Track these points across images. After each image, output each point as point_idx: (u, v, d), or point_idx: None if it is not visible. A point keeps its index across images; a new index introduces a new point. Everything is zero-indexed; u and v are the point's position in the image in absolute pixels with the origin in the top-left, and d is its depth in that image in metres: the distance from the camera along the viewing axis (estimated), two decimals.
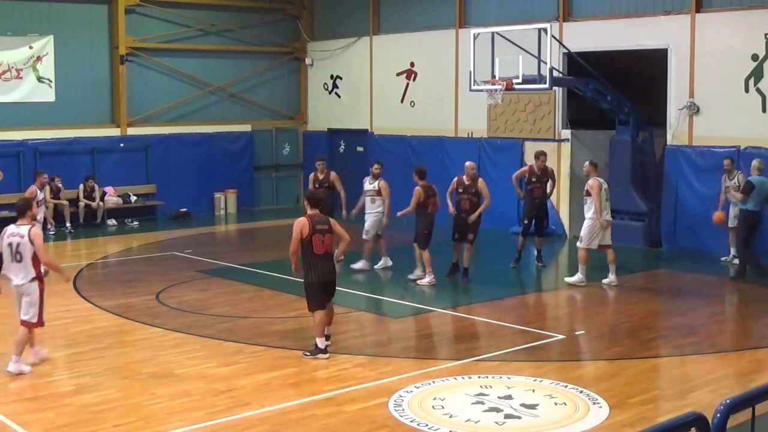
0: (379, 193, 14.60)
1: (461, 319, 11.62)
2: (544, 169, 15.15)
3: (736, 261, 14.51)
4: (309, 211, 9.66)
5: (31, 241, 8.95)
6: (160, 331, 10.86)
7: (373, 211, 14.65)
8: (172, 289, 13.35)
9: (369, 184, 14.85)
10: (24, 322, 9.09)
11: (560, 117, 18.17)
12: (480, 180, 14.00)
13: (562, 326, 11.36)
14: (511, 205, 18.58)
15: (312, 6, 23.67)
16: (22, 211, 9.09)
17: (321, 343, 9.63)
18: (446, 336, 11.06)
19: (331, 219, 9.73)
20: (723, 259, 15.12)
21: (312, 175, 15.57)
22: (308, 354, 9.64)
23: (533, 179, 15.09)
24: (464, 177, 13.85)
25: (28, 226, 9.07)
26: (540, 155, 15.22)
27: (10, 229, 9.01)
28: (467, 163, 14.07)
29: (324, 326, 9.65)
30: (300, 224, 9.50)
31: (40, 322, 9.23)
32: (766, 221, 14.98)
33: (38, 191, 15.23)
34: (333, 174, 15.55)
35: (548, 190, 15.26)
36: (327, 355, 9.59)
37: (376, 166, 15.10)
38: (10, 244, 8.87)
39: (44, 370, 9.41)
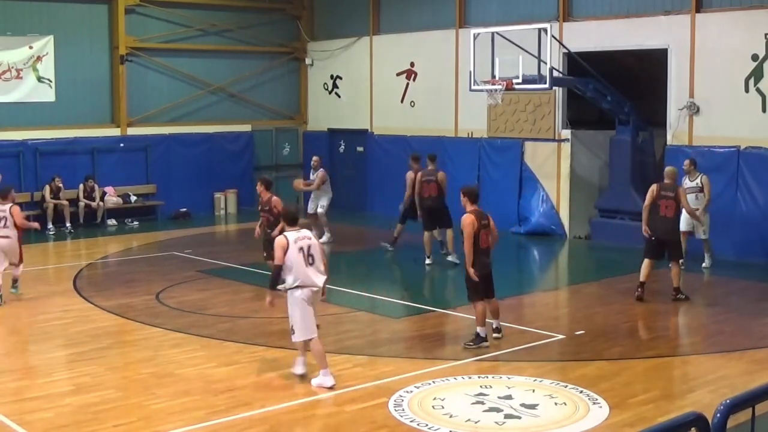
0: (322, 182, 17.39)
1: (461, 319, 11.61)
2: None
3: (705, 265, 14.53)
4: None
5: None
6: (160, 331, 10.86)
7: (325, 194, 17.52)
8: (172, 289, 13.35)
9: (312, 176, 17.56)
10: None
11: (560, 117, 18.17)
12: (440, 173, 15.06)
13: (562, 326, 11.36)
14: (511, 205, 18.61)
15: (312, 6, 23.67)
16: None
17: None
18: (446, 336, 11.06)
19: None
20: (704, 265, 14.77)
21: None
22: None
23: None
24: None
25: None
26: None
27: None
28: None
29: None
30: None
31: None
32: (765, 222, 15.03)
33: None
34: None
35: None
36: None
37: (315, 158, 17.84)
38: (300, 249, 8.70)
39: (44, 370, 9.41)
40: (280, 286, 8.89)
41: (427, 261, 14.99)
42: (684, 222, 13.64)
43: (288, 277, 8.61)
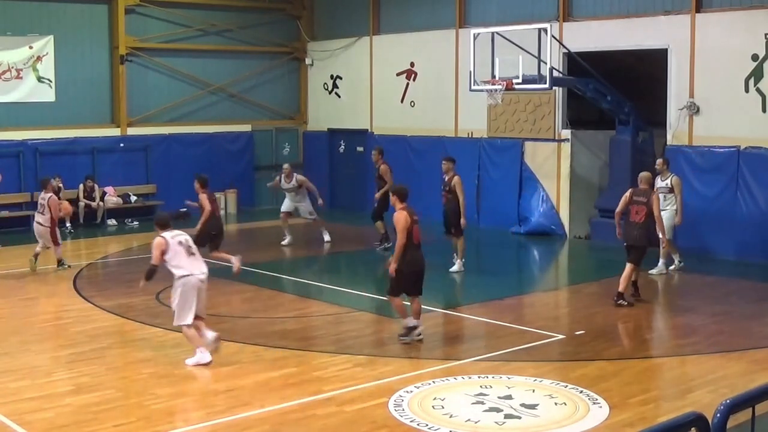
0: (300, 186, 17.23)
1: (461, 319, 11.62)
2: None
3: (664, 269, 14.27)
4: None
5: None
6: (160, 331, 10.85)
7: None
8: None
9: (286, 184, 17.29)
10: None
11: (560, 117, 18.17)
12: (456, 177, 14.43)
13: (562, 326, 11.35)
14: (511, 205, 18.61)
15: (312, 6, 23.67)
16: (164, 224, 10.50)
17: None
18: (446, 336, 11.05)
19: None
20: (666, 268, 14.41)
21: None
22: None
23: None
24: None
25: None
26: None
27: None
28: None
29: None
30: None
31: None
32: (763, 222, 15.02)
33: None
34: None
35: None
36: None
37: (285, 167, 17.57)
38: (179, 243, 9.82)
39: (44, 370, 9.41)
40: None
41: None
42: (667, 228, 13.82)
43: (176, 270, 9.48)
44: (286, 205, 17.53)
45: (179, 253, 9.52)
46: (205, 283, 9.55)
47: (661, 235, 12.63)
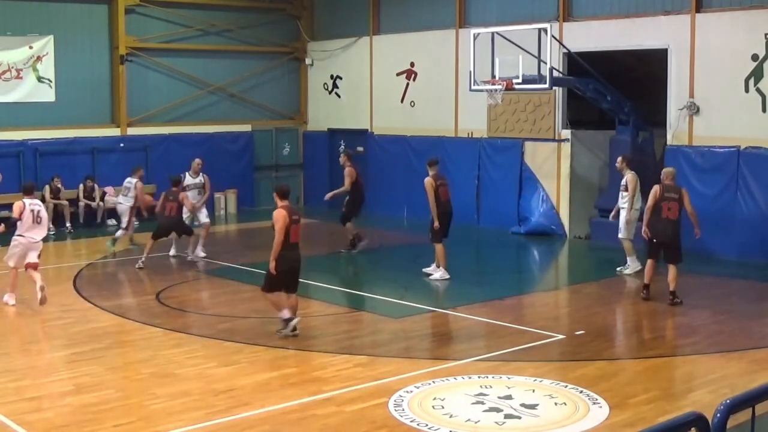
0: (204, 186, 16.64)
1: (461, 319, 11.62)
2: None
3: (628, 271, 14.15)
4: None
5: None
6: (160, 331, 10.85)
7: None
8: (172, 289, 13.35)
9: (192, 179, 16.50)
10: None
11: (560, 117, 18.18)
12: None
13: (562, 326, 11.35)
14: (511, 205, 18.61)
15: (312, 6, 23.67)
16: (29, 190, 12.72)
17: None
18: (446, 336, 11.06)
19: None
20: (618, 269, 14.43)
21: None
22: None
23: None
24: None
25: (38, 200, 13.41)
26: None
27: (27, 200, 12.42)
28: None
29: None
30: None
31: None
32: (759, 219, 15.03)
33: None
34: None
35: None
36: None
37: (197, 161, 16.79)
38: (32, 211, 12.28)
39: (44, 370, 9.41)
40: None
41: (446, 276, 13.95)
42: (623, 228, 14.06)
43: (19, 229, 12.08)
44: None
45: (28, 220, 12.05)
46: (37, 245, 12.14)
47: (696, 230, 12.34)
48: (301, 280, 10.65)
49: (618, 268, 14.31)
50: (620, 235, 14.26)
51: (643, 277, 12.55)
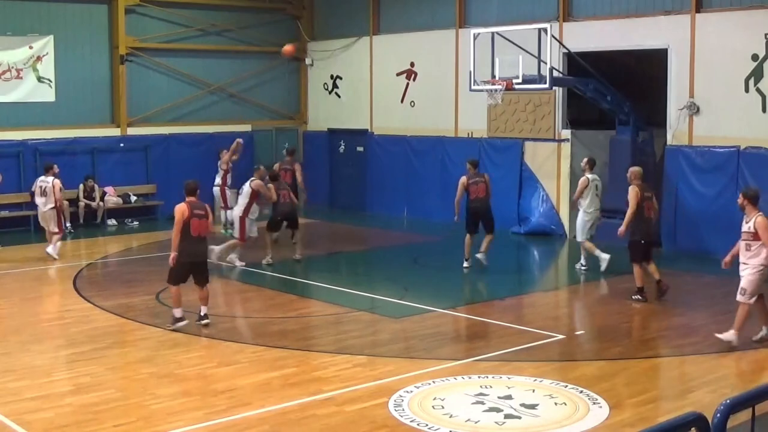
0: None
1: (461, 319, 11.62)
2: None
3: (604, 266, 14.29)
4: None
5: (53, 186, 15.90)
6: (160, 331, 10.86)
7: None
8: None
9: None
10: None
11: (560, 117, 18.17)
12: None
13: (562, 326, 11.36)
14: (511, 205, 18.60)
15: (312, 6, 23.67)
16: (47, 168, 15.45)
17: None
18: (446, 336, 11.06)
19: None
20: (577, 265, 14.71)
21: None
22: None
23: None
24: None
25: (52, 177, 15.75)
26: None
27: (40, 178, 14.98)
28: None
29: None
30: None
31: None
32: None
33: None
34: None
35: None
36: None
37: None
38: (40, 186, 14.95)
39: (44, 370, 9.41)
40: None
41: (465, 264, 14.53)
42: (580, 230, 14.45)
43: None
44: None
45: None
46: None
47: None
48: (301, 280, 10.66)
49: (577, 265, 14.64)
50: (578, 238, 14.66)
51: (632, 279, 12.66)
